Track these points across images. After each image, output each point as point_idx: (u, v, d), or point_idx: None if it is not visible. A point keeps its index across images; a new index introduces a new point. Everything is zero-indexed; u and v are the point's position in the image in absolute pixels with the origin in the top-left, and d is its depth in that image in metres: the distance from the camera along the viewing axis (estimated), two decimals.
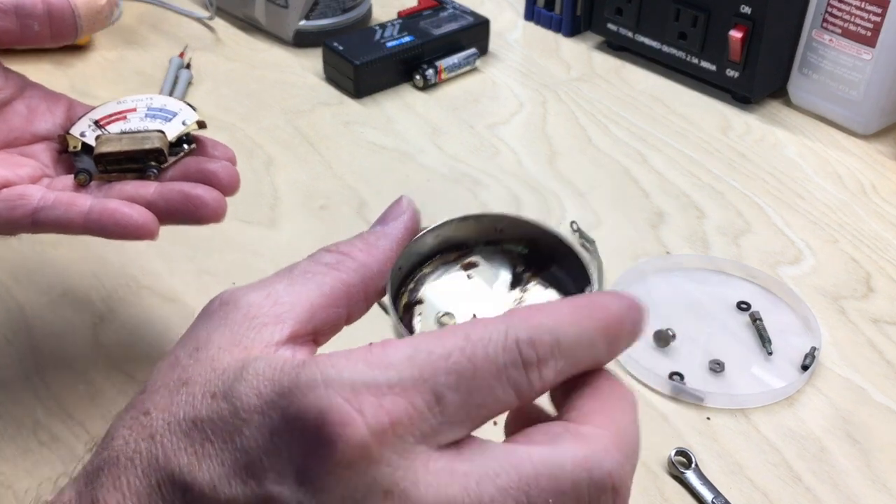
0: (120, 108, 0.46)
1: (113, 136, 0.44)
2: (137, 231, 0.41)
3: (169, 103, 0.46)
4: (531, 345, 0.25)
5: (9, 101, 0.45)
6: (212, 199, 0.42)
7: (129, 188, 0.43)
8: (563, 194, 0.66)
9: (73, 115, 0.46)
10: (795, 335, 0.54)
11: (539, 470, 0.24)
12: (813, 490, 0.46)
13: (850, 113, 0.73)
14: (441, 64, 0.78)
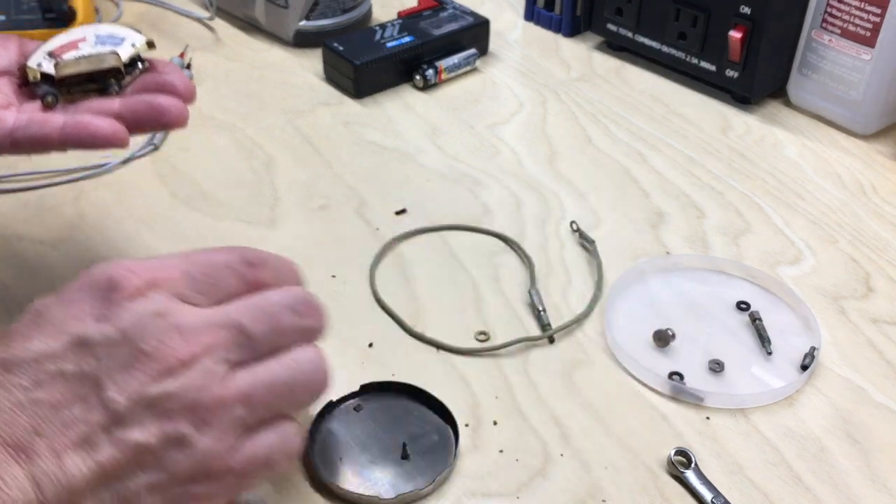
0: (70, 38, 0.49)
1: (71, 62, 0.48)
2: (110, 139, 0.45)
3: (115, 30, 0.50)
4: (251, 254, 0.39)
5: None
6: (174, 105, 0.46)
7: (95, 105, 0.47)
8: (563, 194, 0.66)
9: (25, 50, 0.49)
10: (795, 335, 0.54)
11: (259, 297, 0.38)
12: (813, 490, 0.46)
13: (849, 113, 0.73)
14: (441, 64, 0.78)
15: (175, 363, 0.34)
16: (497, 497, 0.45)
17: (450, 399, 0.49)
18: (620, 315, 0.56)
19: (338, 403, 0.49)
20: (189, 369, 0.34)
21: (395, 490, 0.45)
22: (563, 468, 0.47)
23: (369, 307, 0.56)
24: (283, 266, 0.40)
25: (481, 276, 0.59)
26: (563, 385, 0.51)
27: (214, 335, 0.35)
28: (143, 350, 0.34)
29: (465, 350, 0.53)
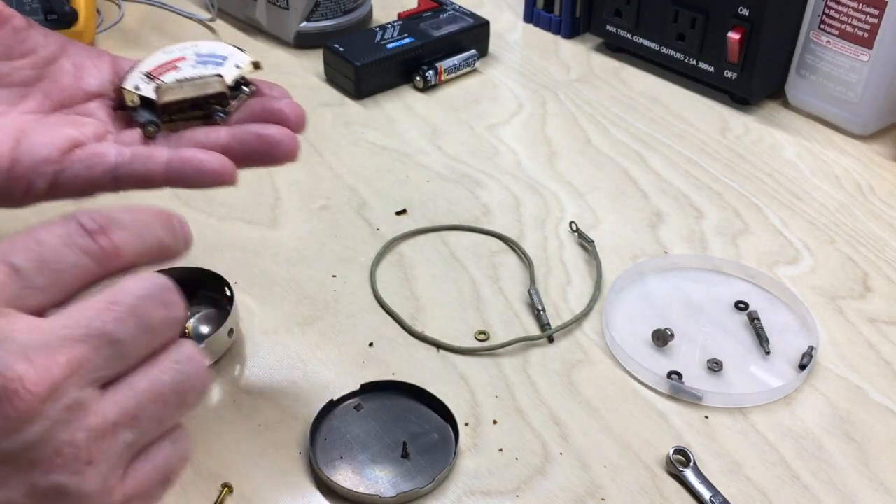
0: (168, 57, 0.45)
1: (173, 85, 0.43)
2: (218, 177, 0.40)
3: (217, 48, 0.45)
4: (90, 218, 0.30)
5: (53, 59, 0.43)
6: (285, 137, 0.41)
7: (200, 135, 0.42)
8: (563, 194, 0.66)
9: (118, 69, 0.45)
10: (793, 335, 0.55)
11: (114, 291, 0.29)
12: (811, 488, 0.46)
13: (847, 114, 0.73)
14: (441, 65, 0.78)
15: (31, 400, 0.26)
16: (497, 496, 0.45)
17: (450, 398, 0.49)
18: (619, 315, 0.56)
19: (338, 402, 0.49)
20: (51, 403, 0.26)
21: (395, 489, 0.45)
22: (563, 467, 0.47)
23: (370, 307, 0.56)
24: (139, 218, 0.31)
25: (481, 276, 0.59)
26: (563, 384, 0.51)
27: (73, 351, 0.27)
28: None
29: (465, 349, 0.53)
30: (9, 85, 0.41)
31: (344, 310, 0.56)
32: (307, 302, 0.56)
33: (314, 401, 0.49)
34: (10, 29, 0.41)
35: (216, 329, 0.51)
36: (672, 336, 0.53)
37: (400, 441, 0.47)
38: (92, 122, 0.42)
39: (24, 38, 0.41)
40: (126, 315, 0.28)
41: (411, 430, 0.48)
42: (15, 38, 0.41)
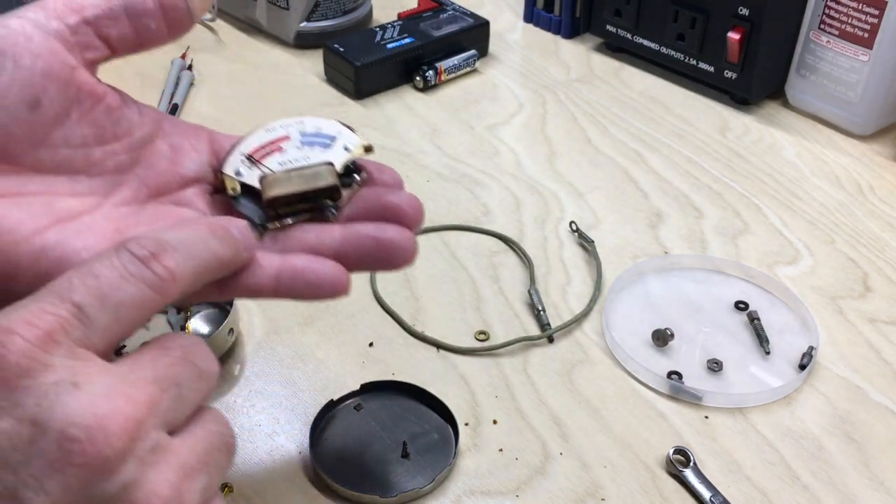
0: (270, 136, 0.40)
1: (280, 176, 0.38)
2: (332, 291, 0.35)
3: (323, 126, 0.40)
4: (138, 245, 0.29)
5: (149, 139, 0.38)
6: (405, 241, 0.36)
7: (311, 237, 0.37)
8: (563, 194, 0.66)
9: (217, 148, 0.40)
10: (793, 334, 0.55)
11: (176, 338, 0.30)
12: (811, 488, 0.46)
13: (847, 114, 0.73)
14: (441, 65, 0.78)
15: (120, 440, 0.26)
16: (497, 495, 0.45)
17: (450, 398, 0.49)
18: (619, 315, 0.56)
19: (338, 402, 0.49)
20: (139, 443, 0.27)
21: (395, 489, 0.45)
22: (563, 467, 0.47)
23: (370, 307, 0.56)
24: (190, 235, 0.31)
25: (481, 275, 0.59)
26: (563, 384, 0.51)
27: (148, 392, 0.28)
28: (71, 437, 0.25)
29: (465, 349, 0.53)
30: (101, 173, 0.37)
31: (344, 310, 0.56)
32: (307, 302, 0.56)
33: (314, 401, 0.50)
34: (104, 108, 0.36)
35: (216, 329, 0.51)
36: (672, 336, 0.53)
37: (400, 441, 0.47)
38: (193, 215, 0.38)
39: (118, 118, 0.37)
40: (181, 360, 0.29)
41: (411, 430, 0.48)
42: (109, 119, 0.37)
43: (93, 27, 0.36)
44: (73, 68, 0.35)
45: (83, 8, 0.36)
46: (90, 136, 0.36)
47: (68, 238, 0.33)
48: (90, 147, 0.36)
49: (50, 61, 0.34)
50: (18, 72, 0.33)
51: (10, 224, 0.33)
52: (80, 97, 0.35)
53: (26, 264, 0.32)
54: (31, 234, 0.33)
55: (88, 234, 0.34)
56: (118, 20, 0.36)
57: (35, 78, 0.34)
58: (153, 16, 0.37)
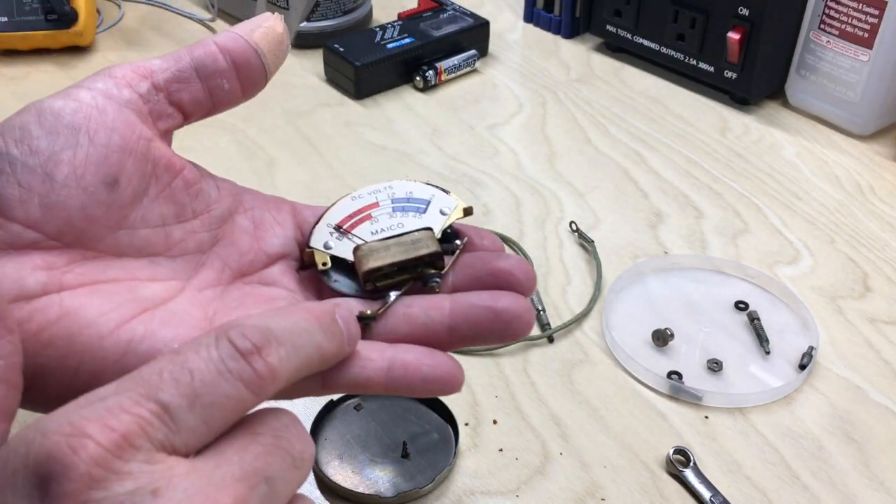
0: (358, 205, 0.37)
1: (376, 245, 0.35)
2: (446, 386, 0.32)
3: (415, 189, 0.37)
4: (242, 336, 0.25)
5: (229, 215, 0.36)
6: (522, 309, 0.33)
7: (418, 312, 0.33)
8: (562, 194, 0.66)
9: (300, 220, 0.37)
10: (793, 334, 0.55)
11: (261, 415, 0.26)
12: (811, 489, 0.46)
13: (847, 114, 0.73)
14: (441, 65, 0.78)
15: None
16: (497, 495, 0.45)
17: (450, 398, 0.49)
18: (619, 315, 0.56)
19: (338, 402, 0.49)
20: None
21: (395, 489, 0.45)
22: (563, 467, 0.47)
23: None
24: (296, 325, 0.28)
25: None
26: (563, 384, 0.51)
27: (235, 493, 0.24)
28: None
29: (465, 349, 0.53)
30: (182, 253, 0.34)
31: None
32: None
33: (314, 401, 0.50)
34: (182, 183, 0.34)
35: None
36: (672, 336, 0.53)
37: (400, 441, 0.47)
38: (282, 296, 0.35)
39: (196, 193, 0.34)
40: (273, 448, 0.26)
41: (411, 430, 0.48)
42: (187, 194, 0.34)
43: (164, 93, 0.34)
44: (149, 140, 0.33)
45: (152, 73, 0.34)
46: (169, 214, 0.34)
47: (156, 329, 0.31)
48: (170, 226, 0.34)
49: (126, 135, 0.32)
50: (94, 149, 0.31)
51: (92, 316, 0.30)
52: (158, 172, 0.33)
53: (112, 360, 0.30)
54: (116, 327, 0.30)
55: (178, 323, 0.31)
56: (190, 83, 0.34)
57: (112, 154, 0.31)
58: (226, 75, 0.34)
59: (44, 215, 0.30)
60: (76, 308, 0.30)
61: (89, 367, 0.30)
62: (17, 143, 0.30)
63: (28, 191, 0.30)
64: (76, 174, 0.31)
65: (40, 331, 0.29)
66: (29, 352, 0.29)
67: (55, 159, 0.30)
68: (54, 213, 0.30)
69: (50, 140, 0.30)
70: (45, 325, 0.29)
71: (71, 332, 0.29)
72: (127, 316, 0.31)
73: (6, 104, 0.73)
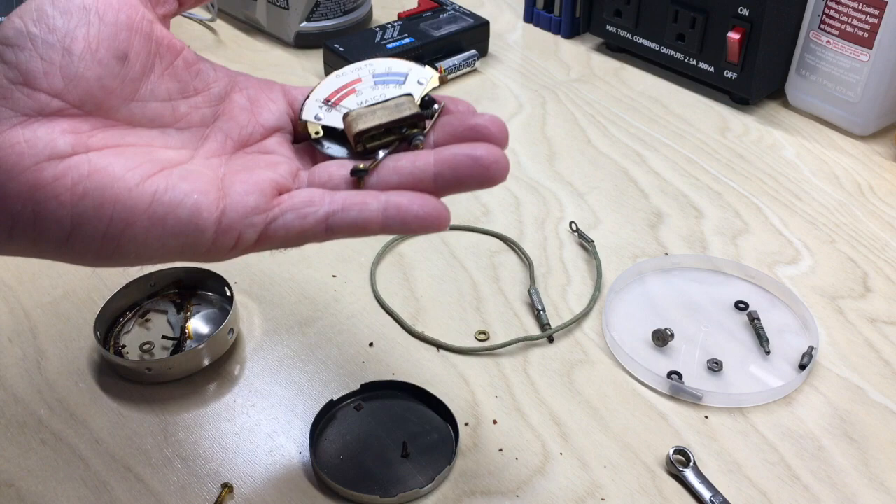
0: (343, 81, 0.41)
1: (363, 111, 0.39)
2: (435, 224, 0.36)
3: (394, 65, 0.41)
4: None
5: (226, 93, 0.40)
6: (498, 156, 0.37)
7: (405, 164, 0.37)
8: (563, 194, 0.66)
9: (291, 99, 0.41)
10: (793, 334, 0.55)
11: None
12: (811, 488, 0.46)
13: (847, 114, 0.73)
14: (441, 65, 0.78)
15: None
16: (497, 495, 0.45)
17: (450, 398, 0.49)
18: (619, 315, 0.56)
19: (338, 402, 0.49)
20: None
21: (395, 489, 0.45)
22: (563, 467, 0.47)
23: (370, 307, 0.56)
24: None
25: (481, 276, 0.59)
26: (563, 384, 0.51)
27: None
28: None
29: (465, 349, 0.53)
30: (188, 126, 0.38)
31: (344, 310, 0.56)
32: (307, 302, 0.56)
33: (314, 401, 0.50)
34: (183, 63, 0.38)
35: (216, 329, 0.51)
36: (672, 336, 0.53)
37: (400, 441, 0.47)
38: (283, 159, 0.39)
39: (197, 72, 0.38)
40: None
41: (411, 430, 0.48)
42: (189, 73, 0.38)
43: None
44: (151, 22, 0.36)
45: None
46: (174, 90, 0.37)
47: (176, 182, 0.34)
48: (175, 101, 0.37)
49: (131, 15, 0.35)
50: (104, 27, 0.34)
51: (119, 172, 0.33)
52: (161, 51, 0.37)
53: (142, 208, 0.33)
54: (142, 181, 0.34)
55: (195, 178, 0.35)
56: None
57: (120, 32, 0.35)
58: None
59: (66, 85, 0.34)
60: (104, 165, 0.33)
61: (122, 215, 0.33)
62: (36, 23, 0.33)
63: (50, 63, 0.33)
64: (91, 48, 0.34)
65: (75, 185, 0.33)
66: (67, 204, 0.32)
67: (71, 35, 0.34)
68: (75, 83, 0.34)
69: (65, 19, 0.34)
70: (79, 180, 0.33)
71: (103, 185, 0.33)
72: (149, 172, 0.34)
73: None
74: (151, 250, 0.34)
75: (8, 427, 0.48)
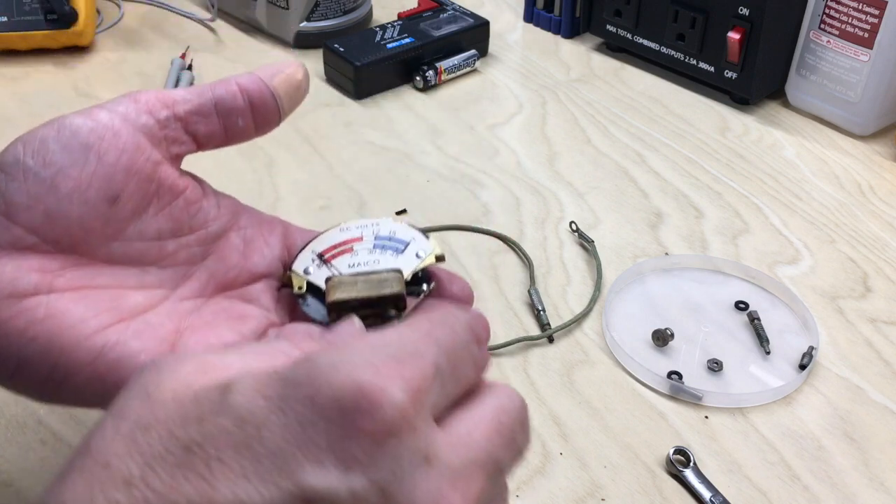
0: (344, 236, 0.39)
1: (346, 279, 0.37)
2: None
3: (398, 230, 0.40)
4: (483, 327, 0.29)
5: (224, 232, 0.38)
6: None
7: None
8: (563, 194, 0.66)
9: (289, 242, 0.40)
10: (793, 334, 0.55)
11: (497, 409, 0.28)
12: (811, 489, 0.46)
13: (847, 114, 0.73)
14: (441, 65, 0.78)
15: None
16: None
17: None
18: (619, 315, 0.56)
19: None
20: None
21: None
22: (563, 467, 0.47)
23: None
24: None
25: (481, 276, 0.59)
26: (563, 384, 0.51)
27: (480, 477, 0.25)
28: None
29: None
30: (173, 264, 0.36)
31: None
32: None
33: None
34: (183, 202, 0.36)
35: None
36: (672, 336, 0.53)
37: None
38: (255, 315, 0.37)
39: (196, 211, 0.37)
40: (509, 443, 0.27)
41: None
42: (187, 212, 0.36)
43: (182, 123, 0.36)
44: (156, 164, 0.35)
45: (175, 103, 0.36)
46: (166, 229, 0.36)
47: (127, 339, 0.33)
48: (164, 240, 0.36)
49: (134, 157, 0.34)
50: (101, 167, 0.33)
51: (74, 321, 0.32)
52: (161, 192, 0.35)
53: (84, 363, 0.32)
54: (93, 333, 0.32)
55: (149, 336, 0.33)
56: (208, 117, 0.36)
57: (117, 174, 0.33)
58: (242, 114, 0.37)
59: (45, 223, 0.33)
60: (61, 311, 0.32)
61: (65, 365, 0.32)
62: (35, 154, 0.33)
63: (35, 199, 0.33)
64: (80, 188, 0.33)
65: (27, 327, 0.32)
66: (15, 344, 0.32)
67: (64, 173, 0.33)
68: (55, 221, 0.33)
69: (63, 155, 0.33)
70: (32, 323, 0.32)
71: (52, 333, 0.32)
72: (105, 323, 0.33)
73: (6, 104, 0.73)
74: (91, 401, 0.33)
75: (8, 427, 0.48)
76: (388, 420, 0.23)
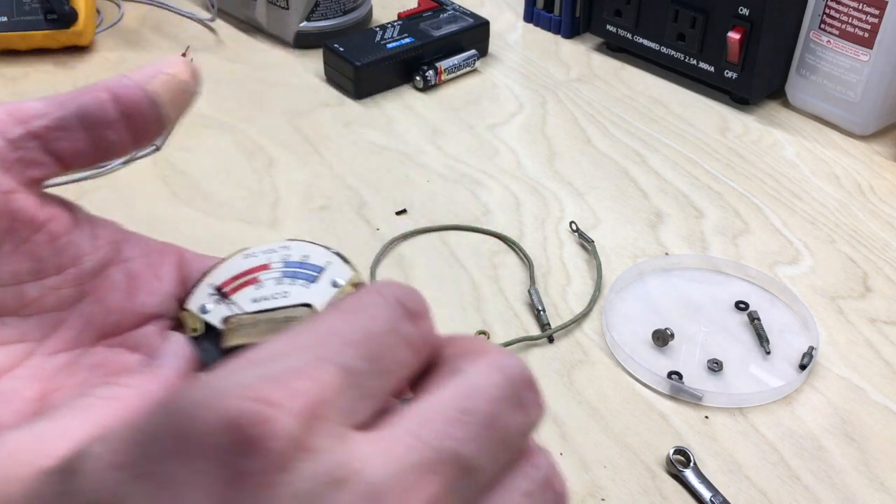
0: (248, 264, 0.33)
1: (246, 321, 0.32)
2: None
3: (312, 254, 0.34)
4: (413, 300, 0.23)
5: (101, 268, 0.31)
6: None
7: None
8: (563, 194, 0.66)
9: (186, 273, 0.33)
10: (793, 334, 0.55)
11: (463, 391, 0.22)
12: (811, 489, 0.46)
13: (847, 114, 0.73)
14: (441, 65, 0.78)
15: None
16: None
17: None
18: (619, 315, 0.56)
19: None
20: None
21: None
22: (563, 467, 0.47)
23: None
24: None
25: (481, 275, 0.59)
26: (563, 384, 0.51)
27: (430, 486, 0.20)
28: None
29: None
30: (38, 311, 0.30)
31: None
32: None
33: None
34: (46, 237, 0.30)
35: None
36: (672, 336, 0.53)
37: None
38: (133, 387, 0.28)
39: (62, 247, 0.30)
40: (481, 430, 0.21)
41: None
42: (50, 249, 0.30)
43: (41, 141, 0.29)
44: (7, 193, 0.28)
45: (30, 118, 0.29)
46: (24, 271, 0.29)
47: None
48: (23, 283, 0.30)
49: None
50: None
51: None
52: (15, 227, 0.29)
53: None
54: None
55: (3, 406, 0.27)
56: (71, 131, 0.30)
57: None
58: (114, 126, 0.30)
59: None
60: None
61: None
62: None
63: None
64: None
65: None
66: None
67: None
68: None
69: None
70: None
71: None
72: None
73: None
74: None
75: None
76: (277, 453, 0.18)
